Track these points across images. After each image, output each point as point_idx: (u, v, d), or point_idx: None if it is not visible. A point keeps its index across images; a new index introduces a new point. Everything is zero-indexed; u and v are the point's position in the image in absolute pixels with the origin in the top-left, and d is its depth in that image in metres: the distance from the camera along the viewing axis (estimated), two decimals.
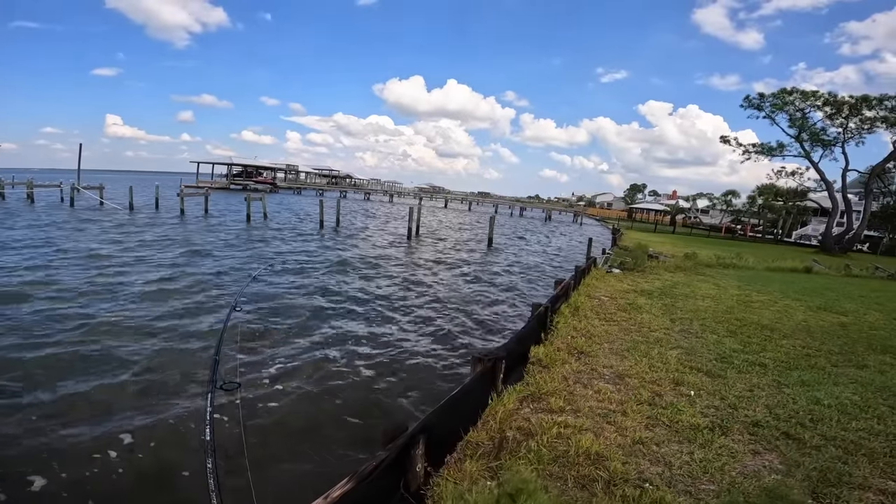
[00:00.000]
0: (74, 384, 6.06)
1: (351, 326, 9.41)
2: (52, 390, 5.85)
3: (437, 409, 3.58)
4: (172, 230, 22.19)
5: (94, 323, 8.35)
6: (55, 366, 6.55)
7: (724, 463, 3.49)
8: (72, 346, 7.25)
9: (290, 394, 6.27)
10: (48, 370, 6.39)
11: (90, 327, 8.13)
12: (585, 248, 21.24)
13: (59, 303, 9.34)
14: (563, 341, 6.38)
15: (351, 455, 4.90)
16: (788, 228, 49.85)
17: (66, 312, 8.78)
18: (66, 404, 5.56)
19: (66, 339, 7.55)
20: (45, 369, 6.41)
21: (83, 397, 5.76)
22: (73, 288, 10.51)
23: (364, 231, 28.14)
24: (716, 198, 59.62)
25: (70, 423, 5.15)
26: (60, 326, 8.05)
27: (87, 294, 10.12)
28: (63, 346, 7.27)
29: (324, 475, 4.54)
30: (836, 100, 37.13)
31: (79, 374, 6.36)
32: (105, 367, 6.64)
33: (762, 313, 9.25)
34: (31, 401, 5.58)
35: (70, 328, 8.02)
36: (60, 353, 6.97)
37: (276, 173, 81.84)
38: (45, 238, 17.22)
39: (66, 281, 11.09)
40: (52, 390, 5.85)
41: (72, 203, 31.96)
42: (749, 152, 43.11)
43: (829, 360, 6.36)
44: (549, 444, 3.62)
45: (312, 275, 14.10)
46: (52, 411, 5.38)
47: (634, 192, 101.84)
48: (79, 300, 9.65)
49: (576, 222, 59.73)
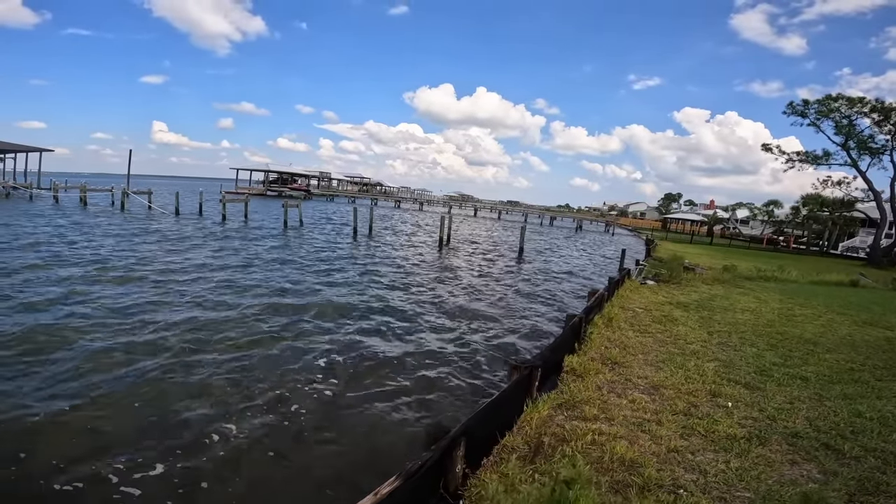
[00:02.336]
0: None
1: (379, 330, 9.67)
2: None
3: (476, 413, 3.75)
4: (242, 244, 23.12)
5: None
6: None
7: (761, 472, 3.52)
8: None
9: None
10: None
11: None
12: (616, 261, 20.97)
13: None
14: (597, 352, 6.44)
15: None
16: (835, 240, 47.66)
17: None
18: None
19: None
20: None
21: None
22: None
23: (397, 240, 28.62)
24: (757, 208, 57.77)
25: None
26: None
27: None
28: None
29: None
30: (883, 106, 35.36)
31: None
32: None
33: (805, 327, 9.01)
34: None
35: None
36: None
37: (310, 180, 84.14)
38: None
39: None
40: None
41: (122, 207, 33.68)
42: (793, 160, 41.44)
43: (873, 374, 6.21)
44: (583, 450, 3.73)
45: (351, 284, 14.52)
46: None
47: (669, 202, 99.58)
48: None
49: (607, 232, 58.78)
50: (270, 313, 10.04)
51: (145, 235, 21.13)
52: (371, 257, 20.31)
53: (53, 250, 15.38)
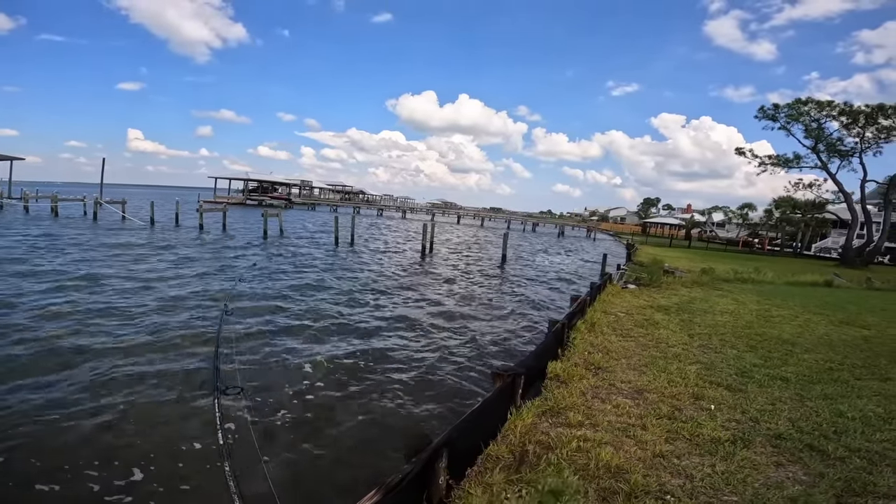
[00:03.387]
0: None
1: (365, 339, 9.51)
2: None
3: (459, 422, 3.64)
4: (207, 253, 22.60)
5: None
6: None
7: (747, 475, 3.48)
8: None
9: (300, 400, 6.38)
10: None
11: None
12: (598, 266, 21.16)
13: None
14: (581, 357, 6.39)
15: (370, 460, 5.00)
16: (808, 241, 49.01)
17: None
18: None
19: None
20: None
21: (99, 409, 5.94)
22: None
23: (379, 248, 28.40)
24: (732, 211, 58.96)
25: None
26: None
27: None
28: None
29: (339, 481, 4.65)
30: (851, 109, 36.45)
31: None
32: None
33: (783, 328, 9.14)
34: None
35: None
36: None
37: (291, 189, 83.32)
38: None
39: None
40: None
41: (95, 217, 32.76)
42: (765, 164, 42.36)
43: (852, 373, 6.29)
44: (569, 458, 3.65)
45: (330, 290, 14.29)
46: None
47: (648, 207, 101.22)
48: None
49: (589, 237, 59.46)
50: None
51: (113, 248, 20.52)
52: (350, 267, 20.09)
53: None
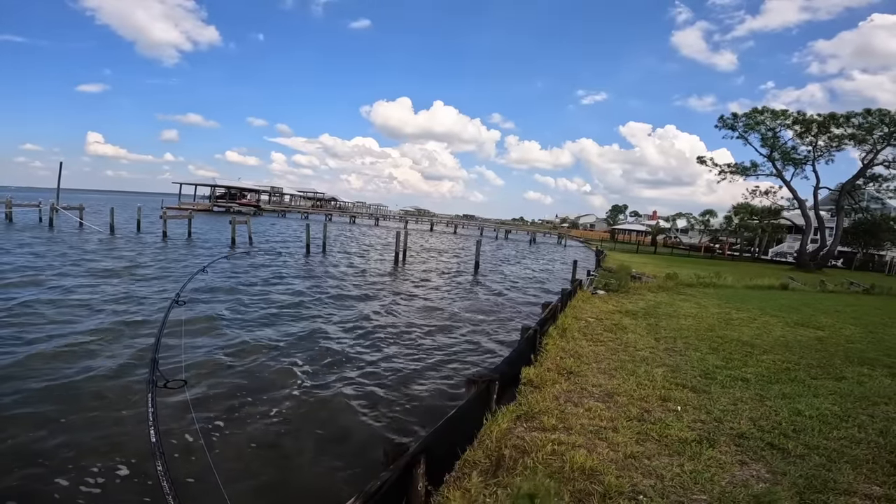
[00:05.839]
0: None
1: (336, 345, 9.40)
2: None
3: (435, 429, 3.66)
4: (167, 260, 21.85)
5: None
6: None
7: (714, 474, 3.63)
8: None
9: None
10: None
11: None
12: (570, 272, 21.54)
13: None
14: (553, 362, 6.51)
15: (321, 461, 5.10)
16: (765, 246, 51.25)
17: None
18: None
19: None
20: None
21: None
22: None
23: (351, 256, 28.11)
24: (694, 218, 61.13)
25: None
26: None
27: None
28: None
29: (286, 482, 4.60)
30: (804, 118, 38.13)
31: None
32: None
33: (742, 330, 9.53)
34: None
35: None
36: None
37: (261, 195, 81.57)
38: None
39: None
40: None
41: (51, 224, 31.25)
42: (724, 172, 44.00)
43: (808, 373, 6.61)
44: (544, 461, 3.72)
45: (295, 294, 14.06)
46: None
47: (616, 214, 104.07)
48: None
49: (560, 244, 60.49)
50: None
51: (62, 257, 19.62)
52: (322, 276, 19.82)
53: None
